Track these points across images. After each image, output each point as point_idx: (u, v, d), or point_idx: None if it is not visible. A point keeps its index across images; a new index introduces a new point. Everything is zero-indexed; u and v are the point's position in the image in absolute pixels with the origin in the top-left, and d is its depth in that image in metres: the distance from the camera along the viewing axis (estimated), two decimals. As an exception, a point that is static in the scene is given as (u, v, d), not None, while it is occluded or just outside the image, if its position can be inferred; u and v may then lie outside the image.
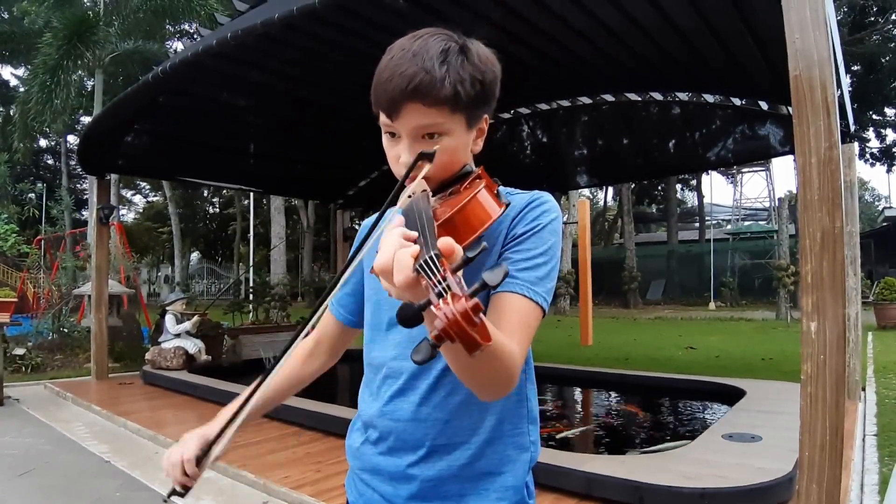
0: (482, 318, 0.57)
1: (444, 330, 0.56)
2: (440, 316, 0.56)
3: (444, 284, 0.59)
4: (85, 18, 12.39)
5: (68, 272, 10.47)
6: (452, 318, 0.56)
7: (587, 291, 6.67)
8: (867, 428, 4.58)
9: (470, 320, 0.56)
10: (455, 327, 0.56)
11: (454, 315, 0.56)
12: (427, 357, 0.58)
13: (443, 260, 0.63)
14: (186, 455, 0.94)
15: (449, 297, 0.57)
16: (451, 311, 0.56)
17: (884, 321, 12.46)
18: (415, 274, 0.63)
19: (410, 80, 0.84)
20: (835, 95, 2.38)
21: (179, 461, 0.94)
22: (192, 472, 0.94)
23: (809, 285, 2.34)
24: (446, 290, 0.59)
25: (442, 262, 0.62)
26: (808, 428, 2.33)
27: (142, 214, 38.77)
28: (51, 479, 3.88)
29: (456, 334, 0.56)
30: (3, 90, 25.64)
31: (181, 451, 0.95)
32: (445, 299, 0.57)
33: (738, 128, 7.33)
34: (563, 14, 4.81)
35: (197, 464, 0.94)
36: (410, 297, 0.65)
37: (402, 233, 0.68)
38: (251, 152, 8.82)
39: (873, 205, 47.12)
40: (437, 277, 0.60)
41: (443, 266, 0.61)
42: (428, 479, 0.95)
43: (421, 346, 0.58)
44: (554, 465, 3.25)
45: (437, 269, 0.61)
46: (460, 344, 0.57)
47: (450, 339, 0.56)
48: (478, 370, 0.76)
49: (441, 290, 0.59)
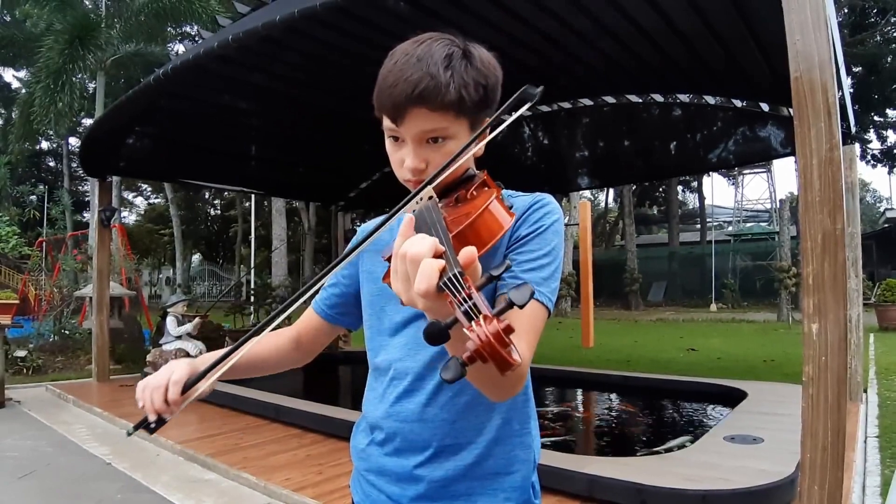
0: (512, 339, 0.58)
1: (478, 351, 0.57)
2: (473, 338, 0.57)
3: (470, 303, 0.60)
4: (87, 21, 12.42)
5: (69, 274, 10.49)
6: (486, 339, 0.56)
7: (588, 293, 6.64)
8: (869, 430, 4.58)
9: (503, 342, 0.57)
10: (489, 348, 0.57)
11: (487, 337, 0.56)
12: (458, 376, 0.59)
13: (466, 276, 0.63)
14: (175, 377, 0.88)
15: (481, 318, 0.58)
16: (485, 333, 0.57)
17: (885, 323, 12.45)
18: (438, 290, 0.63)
19: (415, 86, 0.84)
20: (836, 97, 2.38)
21: (164, 383, 0.87)
22: (176, 398, 0.87)
23: (811, 287, 2.34)
24: (473, 308, 0.59)
25: (466, 279, 0.62)
26: (810, 430, 2.33)
27: (143, 216, 38.79)
28: (52, 482, 3.88)
29: (490, 356, 0.57)
30: (5, 92, 25.70)
31: (167, 375, 0.89)
32: (477, 321, 0.58)
33: (739, 129, 7.34)
34: (564, 16, 4.81)
35: (183, 391, 0.88)
36: (424, 307, 0.66)
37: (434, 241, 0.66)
38: (252, 154, 8.84)
39: (874, 206, 47.05)
40: (463, 295, 0.60)
41: (467, 283, 0.62)
42: (435, 479, 0.95)
43: (450, 365, 0.59)
44: (556, 468, 3.25)
45: (463, 286, 0.61)
46: (493, 364, 0.58)
47: (482, 360, 0.57)
48: (493, 378, 0.77)
49: (468, 309, 0.59)
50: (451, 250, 0.67)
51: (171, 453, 4.40)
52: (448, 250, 0.67)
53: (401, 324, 0.99)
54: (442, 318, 0.62)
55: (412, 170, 0.90)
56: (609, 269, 23.10)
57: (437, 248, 0.66)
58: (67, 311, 9.86)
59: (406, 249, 0.67)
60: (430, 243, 0.66)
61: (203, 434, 4.77)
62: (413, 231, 0.71)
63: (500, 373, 0.58)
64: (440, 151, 0.89)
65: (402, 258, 0.67)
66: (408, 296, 0.67)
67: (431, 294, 0.63)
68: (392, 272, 0.70)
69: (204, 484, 3.75)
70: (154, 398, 0.87)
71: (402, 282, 0.68)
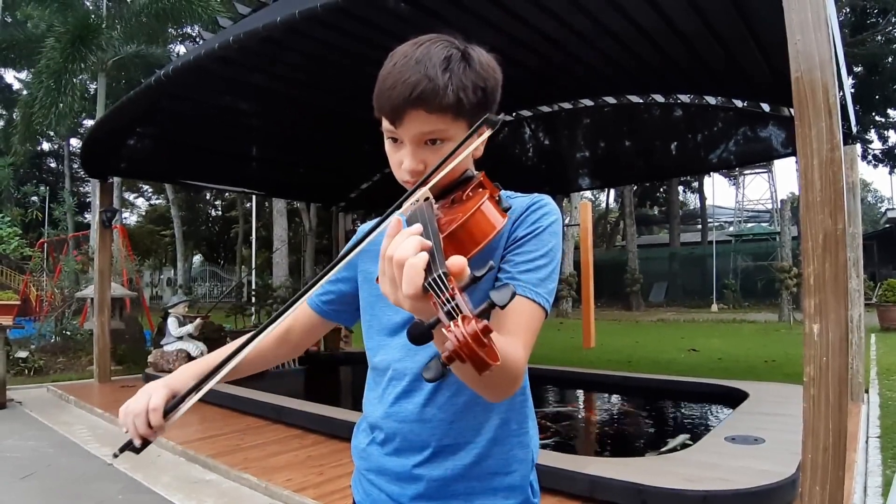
0: (491, 339, 0.59)
1: (455, 351, 0.58)
2: (451, 338, 0.58)
3: (452, 303, 0.60)
4: (88, 22, 12.43)
5: (71, 275, 10.50)
6: (463, 339, 0.57)
7: (589, 294, 6.66)
8: (870, 430, 4.57)
9: (480, 342, 0.57)
10: (466, 349, 0.57)
11: (465, 337, 0.57)
12: (438, 376, 0.60)
13: (451, 278, 0.64)
14: (153, 404, 0.88)
15: (459, 319, 0.59)
16: (462, 333, 0.57)
17: (886, 323, 12.44)
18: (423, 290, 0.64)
19: (414, 88, 0.84)
20: (836, 97, 2.37)
21: (144, 410, 0.87)
22: (158, 423, 0.87)
23: (812, 287, 2.34)
24: (455, 309, 0.60)
25: (450, 280, 0.63)
26: (811, 430, 2.32)
27: (144, 217, 38.83)
28: (53, 482, 3.88)
29: (467, 356, 0.58)
30: (6, 94, 25.73)
31: (145, 400, 0.88)
32: (456, 321, 0.59)
33: (740, 130, 7.33)
34: (564, 17, 4.81)
35: (164, 415, 0.87)
36: (410, 309, 0.67)
37: (420, 241, 0.67)
38: (253, 155, 8.85)
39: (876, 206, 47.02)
40: (446, 296, 0.61)
41: (451, 284, 0.63)
42: (434, 478, 0.96)
43: (431, 365, 0.60)
44: (556, 468, 3.25)
45: (446, 287, 0.62)
46: (470, 365, 0.58)
47: (460, 359, 0.58)
48: (485, 379, 0.77)
49: (450, 309, 0.60)
50: (439, 251, 0.68)
51: (172, 454, 4.40)
52: (436, 251, 0.67)
53: (399, 325, 0.99)
54: (427, 318, 0.63)
55: (410, 171, 0.91)
56: (610, 270, 23.08)
57: (422, 246, 0.66)
58: (69, 312, 9.87)
59: (391, 252, 0.67)
60: (415, 244, 0.66)
61: (204, 435, 4.78)
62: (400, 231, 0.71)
63: (478, 373, 0.59)
64: (438, 153, 0.89)
65: (389, 260, 0.68)
66: (395, 297, 0.68)
67: (416, 295, 0.64)
68: (380, 274, 0.71)
69: (205, 485, 3.76)
70: (137, 424, 0.87)
71: (389, 284, 0.69)
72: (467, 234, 0.77)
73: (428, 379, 0.60)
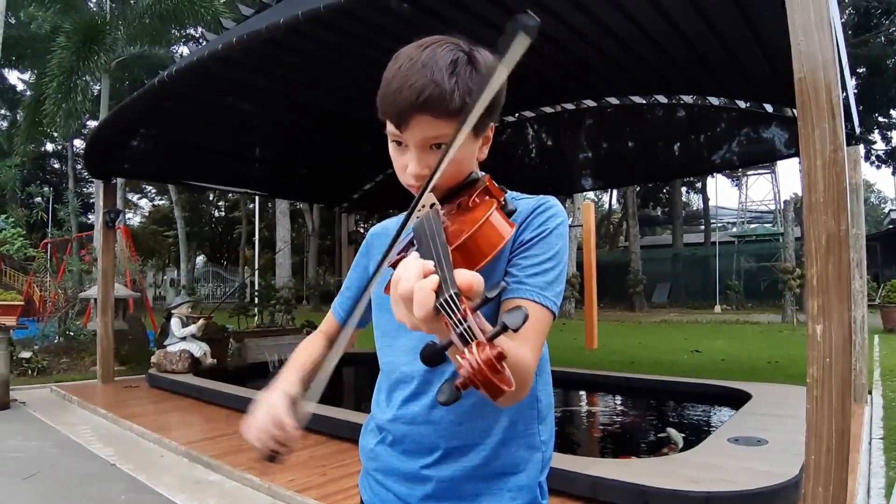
0: (504, 366, 0.59)
1: (470, 378, 0.58)
2: (465, 365, 0.58)
3: (465, 325, 0.60)
4: (94, 23, 12.47)
5: (74, 276, 10.52)
6: (477, 367, 0.57)
7: (592, 295, 6.64)
8: (874, 431, 4.56)
9: (494, 369, 0.57)
10: (480, 376, 0.57)
11: (479, 364, 0.57)
12: (452, 400, 0.60)
13: (462, 298, 0.63)
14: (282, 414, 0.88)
15: (474, 345, 0.59)
16: (476, 360, 0.57)
17: (890, 324, 12.40)
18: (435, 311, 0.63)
19: (420, 93, 0.83)
20: (839, 97, 2.37)
21: (280, 422, 0.87)
22: (293, 429, 0.88)
23: (815, 288, 2.33)
24: (468, 331, 0.60)
25: (461, 300, 0.63)
26: (815, 431, 2.32)
27: (147, 218, 38.94)
28: (56, 483, 3.89)
29: (481, 383, 0.58)
30: (10, 94, 25.81)
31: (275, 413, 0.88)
32: (470, 347, 0.59)
33: (743, 130, 7.32)
34: (567, 18, 4.81)
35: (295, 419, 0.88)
36: (426, 330, 0.66)
37: (423, 266, 0.67)
38: (256, 156, 8.86)
39: (879, 207, 46.93)
40: (458, 317, 0.61)
41: (462, 304, 0.62)
42: (443, 479, 0.96)
43: (444, 388, 0.60)
44: (559, 469, 3.25)
45: (458, 307, 0.62)
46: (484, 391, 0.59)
47: (475, 386, 0.58)
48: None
49: (463, 332, 0.60)
50: (449, 269, 0.67)
51: (175, 454, 4.41)
52: (446, 269, 0.67)
53: (403, 326, 0.99)
54: (442, 337, 0.63)
55: (415, 175, 0.90)
56: (613, 271, 23.04)
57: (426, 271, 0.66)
58: (72, 313, 9.89)
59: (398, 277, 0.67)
60: (418, 270, 0.66)
61: (207, 435, 4.78)
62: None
63: (493, 398, 0.59)
64: None
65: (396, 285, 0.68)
66: (411, 323, 0.68)
67: (428, 317, 0.64)
68: (392, 303, 0.70)
69: (208, 485, 3.76)
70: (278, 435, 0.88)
71: (403, 311, 0.68)
72: (476, 246, 0.77)
73: (441, 402, 0.60)
